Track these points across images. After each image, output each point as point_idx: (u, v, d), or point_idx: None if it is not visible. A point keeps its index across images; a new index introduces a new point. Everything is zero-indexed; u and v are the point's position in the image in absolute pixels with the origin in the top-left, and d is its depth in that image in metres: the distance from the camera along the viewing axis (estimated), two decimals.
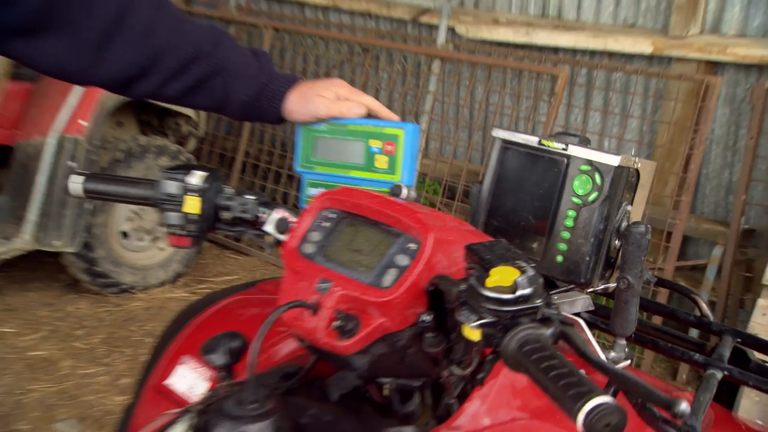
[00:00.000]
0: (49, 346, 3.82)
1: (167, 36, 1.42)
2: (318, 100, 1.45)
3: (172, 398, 1.43)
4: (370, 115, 1.47)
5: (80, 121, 3.88)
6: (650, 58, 4.13)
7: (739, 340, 1.50)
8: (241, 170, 5.38)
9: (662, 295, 3.71)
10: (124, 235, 4.32)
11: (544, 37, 4.36)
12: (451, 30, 4.69)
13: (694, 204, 4.13)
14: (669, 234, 3.81)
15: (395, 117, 1.47)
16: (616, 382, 0.91)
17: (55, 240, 3.87)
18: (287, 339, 1.37)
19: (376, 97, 1.59)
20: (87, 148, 3.91)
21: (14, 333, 3.81)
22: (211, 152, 5.69)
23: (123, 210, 4.27)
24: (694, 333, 2.36)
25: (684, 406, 0.87)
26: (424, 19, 4.92)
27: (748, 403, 3.04)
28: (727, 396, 1.60)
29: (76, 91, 3.89)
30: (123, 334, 3.99)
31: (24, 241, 3.82)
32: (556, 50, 4.42)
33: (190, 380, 1.44)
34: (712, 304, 3.69)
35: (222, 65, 1.46)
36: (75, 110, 3.88)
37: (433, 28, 4.87)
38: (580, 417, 0.77)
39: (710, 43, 3.87)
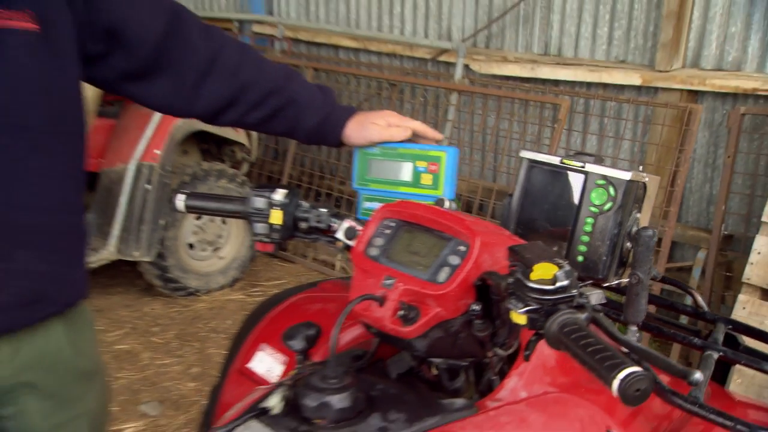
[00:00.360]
0: (130, 341, 3.86)
1: (249, 74, 1.47)
2: (372, 127, 1.48)
3: (254, 379, 1.44)
4: (416, 137, 1.49)
5: (155, 151, 3.93)
6: (639, 89, 4.12)
7: (730, 326, 1.50)
8: None
9: (655, 291, 3.71)
10: (191, 246, 4.34)
11: (547, 72, 4.36)
12: (466, 67, 4.69)
13: (681, 214, 4.10)
14: (659, 240, 3.80)
15: (439, 135, 1.49)
16: (640, 356, 0.94)
17: (134, 251, 3.92)
18: (349, 328, 1.40)
19: None
20: (160, 173, 3.96)
21: (102, 330, 3.84)
22: (260, 174, 5.69)
23: (189, 225, 4.29)
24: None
25: (698, 375, 0.90)
26: (443, 58, 4.93)
27: (732, 386, 3.04)
28: (720, 375, 1.62)
29: (151, 125, 3.93)
30: (191, 331, 4.01)
31: (109, 252, 3.87)
32: (557, 83, 4.40)
33: (268, 364, 1.45)
34: None
35: (294, 98, 1.50)
36: (150, 141, 3.92)
37: (450, 65, 4.86)
38: (615, 383, 0.80)
39: (691, 75, 3.86)
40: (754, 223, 3.63)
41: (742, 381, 3.01)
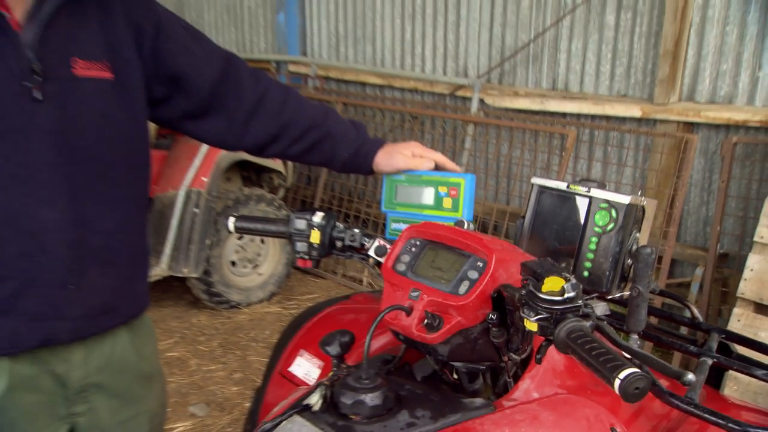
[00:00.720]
0: (180, 349, 3.88)
1: (291, 113, 1.50)
2: (399, 156, 1.50)
3: (294, 381, 1.46)
4: (437, 167, 1.51)
5: (202, 178, 3.97)
6: (639, 121, 4.11)
7: (723, 336, 1.50)
8: None
9: (656, 304, 3.68)
10: (233, 263, 4.36)
11: (554, 105, 4.37)
12: (481, 101, 4.71)
13: (679, 234, 4.07)
14: (660, 258, 3.77)
15: (457, 168, 1.50)
16: (638, 359, 0.96)
17: (183, 268, 3.95)
18: (379, 336, 1.40)
19: None
20: (207, 198, 3.99)
21: None
22: (295, 199, 5.72)
23: (232, 244, 4.31)
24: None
25: (690, 376, 0.92)
26: (460, 93, 4.95)
27: (727, 392, 3.01)
28: (715, 381, 1.62)
29: (199, 155, 3.97)
30: (234, 340, 4.03)
31: (161, 269, 3.91)
32: (564, 115, 4.41)
33: (306, 368, 1.47)
34: None
35: (330, 133, 1.53)
36: (198, 170, 3.97)
37: (467, 99, 4.89)
38: (617, 383, 0.82)
39: (687, 108, 3.86)
40: (747, 243, 3.59)
41: (738, 388, 2.98)
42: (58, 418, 1.37)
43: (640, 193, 1.43)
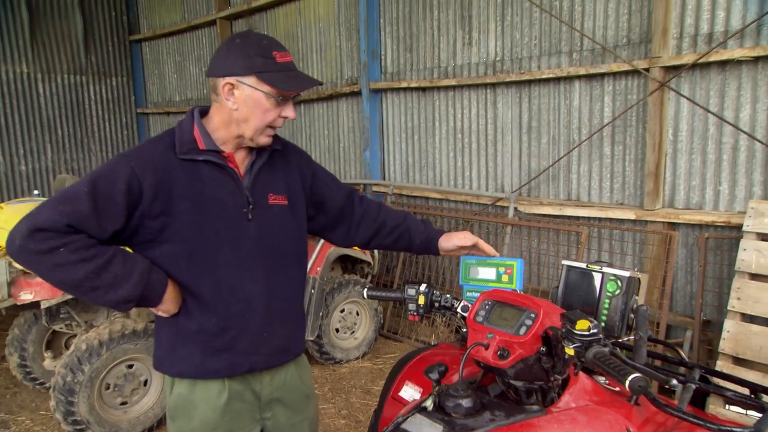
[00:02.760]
0: None
1: (383, 218, 1.71)
2: (454, 238, 1.68)
3: (402, 402, 1.57)
4: (477, 249, 1.65)
5: (317, 268, 4.10)
6: (634, 221, 4.16)
7: (704, 371, 1.60)
8: None
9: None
10: (337, 330, 4.42)
11: (570, 211, 4.45)
12: (515, 209, 4.80)
13: (672, 305, 4.04)
14: (657, 324, 3.79)
15: (493, 250, 1.65)
16: (638, 371, 1.08)
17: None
18: (466, 368, 1.55)
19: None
20: (320, 282, 4.10)
21: None
22: (378, 283, 5.76)
23: (336, 316, 4.37)
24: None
25: (674, 382, 1.06)
26: (499, 203, 5.06)
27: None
28: (701, 405, 1.68)
29: (315, 252, 4.09)
30: (338, 387, 4.06)
31: None
32: (578, 218, 4.47)
33: (411, 393, 1.59)
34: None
35: (408, 228, 1.72)
36: (314, 262, 4.10)
37: (504, 208, 4.99)
38: (627, 382, 0.97)
39: (669, 213, 3.92)
40: (724, 312, 3.56)
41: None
42: (254, 421, 1.55)
43: (636, 269, 1.58)
